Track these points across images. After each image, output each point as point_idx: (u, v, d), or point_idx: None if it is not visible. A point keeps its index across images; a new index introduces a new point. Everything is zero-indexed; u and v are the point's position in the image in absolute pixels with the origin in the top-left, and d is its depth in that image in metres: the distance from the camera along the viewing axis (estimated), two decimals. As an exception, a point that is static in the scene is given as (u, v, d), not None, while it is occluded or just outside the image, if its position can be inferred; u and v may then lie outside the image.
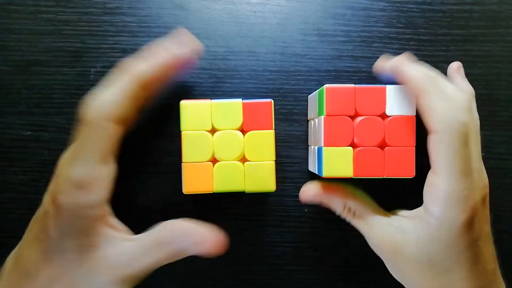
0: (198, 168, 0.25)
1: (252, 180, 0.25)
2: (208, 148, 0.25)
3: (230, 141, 0.25)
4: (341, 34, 0.31)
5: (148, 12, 0.30)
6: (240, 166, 0.25)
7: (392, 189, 0.31)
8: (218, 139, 0.25)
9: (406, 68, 0.24)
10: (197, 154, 0.25)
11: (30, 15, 0.30)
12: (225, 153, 0.25)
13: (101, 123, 0.22)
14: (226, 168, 0.25)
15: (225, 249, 0.24)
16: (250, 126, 0.25)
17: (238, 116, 0.25)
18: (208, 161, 0.25)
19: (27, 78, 0.30)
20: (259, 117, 0.25)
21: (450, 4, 0.31)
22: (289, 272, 0.31)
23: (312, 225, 0.31)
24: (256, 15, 0.31)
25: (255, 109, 0.25)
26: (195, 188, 0.25)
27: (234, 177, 0.25)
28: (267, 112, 0.25)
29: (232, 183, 0.25)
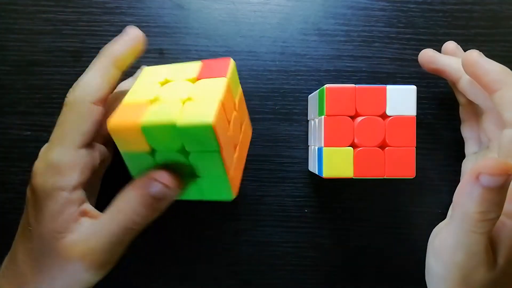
0: (134, 105, 0.21)
1: (187, 113, 0.20)
2: (152, 93, 0.21)
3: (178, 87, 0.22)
4: (341, 34, 0.31)
5: (148, 11, 0.30)
6: (179, 102, 0.20)
7: (392, 189, 0.31)
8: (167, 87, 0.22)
9: (484, 61, 0.24)
10: (140, 96, 0.22)
11: (30, 15, 0.30)
12: (170, 95, 0.21)
13: (79, 103, 0.22)
14: (164, 104, 0.21)
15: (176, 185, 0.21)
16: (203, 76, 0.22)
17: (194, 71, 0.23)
18: (148, 100, 0.21)
19: (26, 78, 0.30)
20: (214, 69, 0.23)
21: (450, 4, 0.31)
22: (289, 272, 0.31)
23: (312, 225, 0.31)
24: (256, 15, 0.31)
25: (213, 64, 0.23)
26: (119, 122, 0.20)
27: (169, 109, 0.20)
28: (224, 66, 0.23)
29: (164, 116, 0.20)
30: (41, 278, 0.22)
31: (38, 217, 0.22)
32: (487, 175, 0.20)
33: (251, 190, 0.30)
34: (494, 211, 0.21)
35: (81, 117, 0.22)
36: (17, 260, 0.23)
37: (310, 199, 0.31)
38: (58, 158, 0.22)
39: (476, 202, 0.20)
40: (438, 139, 0.31)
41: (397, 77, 0.31)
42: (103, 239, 0.21)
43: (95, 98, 0.23)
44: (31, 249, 0.22)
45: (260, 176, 0.31)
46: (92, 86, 0.23)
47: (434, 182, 0.31)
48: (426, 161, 0.30)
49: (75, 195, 0.22)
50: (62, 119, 0.23)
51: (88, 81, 0.23)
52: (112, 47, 0.24)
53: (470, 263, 0.22)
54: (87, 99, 0.22)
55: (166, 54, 0.30)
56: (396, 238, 0.31)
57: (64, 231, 0.21)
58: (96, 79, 0.23)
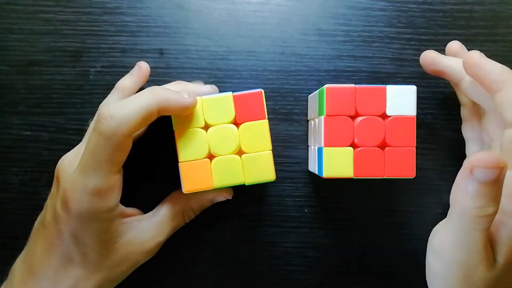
0: (195, 166, 0.25)
1: (251, 172, 0.25)
2: (204, 144, 0.25)
3: (225, 135, 0.25)
4: (341, 34, 0.31)
5: (148, 11, 0.30)
6: (237, 159, 0.25)
7: (392, 189, 0.31)
8: (212, 135, 0.25)
9: (485, 61, 0.24)
10: (193, 152, 0.25)
11: (30, 15, 0.30)
12: (221, 147, 0.25)
13: (119, 138, 0.22)
14: (224, 162, 0.25)
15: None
16: (243, 118, 0.25)
17: (230, 109, 0.25)
18: (205, 158, 0.25)
19: (26, 78, 0.30)
20: (251, 108, 0.25)
21: (450, 4, 0.31)
22: (289, 272, 0.31)
23: (312, 225, 0.31)
24: (256, 15, 0.31)
25: (246, 100, 0.25)
26: (195, 186, 0.25)
27: (233, 171, 0.25)
28: (259, 102, 0.25)
29: (232, 177, 0.25)
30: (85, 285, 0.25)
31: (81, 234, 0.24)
32: (480, 168, 0.20)
33: (251, 190, 0.30)
34: (491, 206, 0.20)
35: (117, 150, 0.23)
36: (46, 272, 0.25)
37: (310, 199, 0.31)
38: (98, 185, 0.23)
39: (472, 197, 0.20)
40: (438, 139, 0.31)
41: (397, 77, 0.31)
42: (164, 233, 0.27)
43: (131, 133, 0.23)
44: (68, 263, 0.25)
45: (260, 176, 0.30)
46: (132, 121, 0.22)
47: (434, 182, 0.31)
48: (426, 161, 0.30)
49: (117, 210, 0.25)
50: (96, 147, 0.23)
51: (130, 114, 0.22)
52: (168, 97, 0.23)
53: (470, 262, 0.22)
54: (123, 133, 0.22)
55: (166, 54, 0.30)
56: (396, 238, 0.31)
57: (116, 236, 0.25)
58: (137, 116, 0.22)
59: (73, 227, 0.24)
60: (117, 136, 0.22)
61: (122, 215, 0.26)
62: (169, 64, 0.30)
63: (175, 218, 0.28)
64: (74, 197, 0.23)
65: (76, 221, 0.23)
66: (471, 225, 0.21)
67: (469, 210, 0.21)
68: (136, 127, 0.23)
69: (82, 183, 0.23)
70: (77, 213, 0.23)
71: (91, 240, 0.24)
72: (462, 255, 0.22)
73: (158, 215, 0.27)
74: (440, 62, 0.27)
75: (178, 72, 0.30)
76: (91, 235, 0.24)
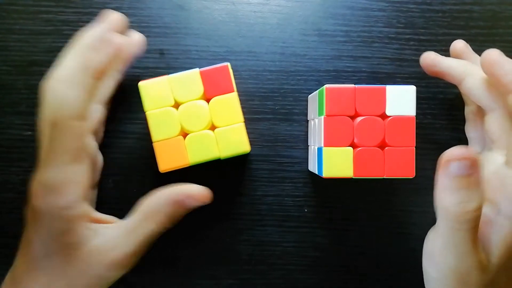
0: (170, 144, 0.25)
1: (225, 145, 0.25)
2: (175, 122, 0.25)
3: (195, 112, 0.25)
4: (340, 34, 0.31)
5: (149, 12, 0.30)
6: (210, 134, 0.25)
7: (392, 189, 0.31)
8: (183, 112, 0.25)
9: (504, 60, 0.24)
10: (166, 131, 0.25)
11: (31, 15, 0.30)
12: (193, 124, 0.25)
13: (63, 123, 0.21)
14: (197, 138, 0.25)
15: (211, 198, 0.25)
16: (212, 93, 0.25)
17: (198, 85, 0.25)
18: (178, 136, 0.25)
19: (27, 78, 0.30)
20: (219, 82, 0.25)
21: (450, 4, 0.31)
22: (289, 272, 0.31)
23: (312, 225, 0.31)
24: (256, 15, 0.31)
25: (214, 75, 0.25)
26: (171, 164, 0.25)
27: (207, 146, 0.25)
28: (226, 76, 0.25)
29: (206, 152, 0.25)
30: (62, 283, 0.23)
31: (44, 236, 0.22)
32: (455, 161, 0.20)
33: (251, 189, 0.30)
34: (472, 201, 0.20)
35: (68, 136, 0.22)
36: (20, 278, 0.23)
37: (310, 198, 0.31)
38: (51, 178, 0.22)
39: (451, 193, 0.20)
40: (438, 139, 0.31)
41: (397, 77, 0.31)
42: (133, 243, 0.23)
43: (77, 114, 0.22)
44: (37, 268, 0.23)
45: (260, 176, 0.31)
46: (73, 104, 0.22)
47: (433, 182, 0.31)
48: (426, 161, 0.30)
49: (79, 210, 0.23)
50: (48, 139, 0.22)
51: (68, 98, 0.22)
52: (94, 59, 0.23)
53: (462, 266, 0.21)
54: (71, 117, 0.21)
55: (166, 55, 0.31)
56: (396, 238, 0.31)
57: (79, 242, 0.23)
58: (77, 96, 0.22)
59: (39, 230, 0.22)
60: (63, 120, 0.21)
61: (88, 218, 0.24)
62: (169, 65, 0.31)
63: (144, 225, 0.24)
64: (33, 196, 0.22)
65: (36, 220, 0.22)
66: (455, 224, 0.21)
67: (450, 208, 0.20)
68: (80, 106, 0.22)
69: (39, 178, 0.22)
70: (35, 210, 0.22)
71: (52, 242, 0.22)
72: (453, 259, 0.21)
73: (125, 222, 0.24)
74: (441, 63, 0.27)
75: (178, 72, 0.30)
76: (52, 236, 0.22)
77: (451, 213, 0.20)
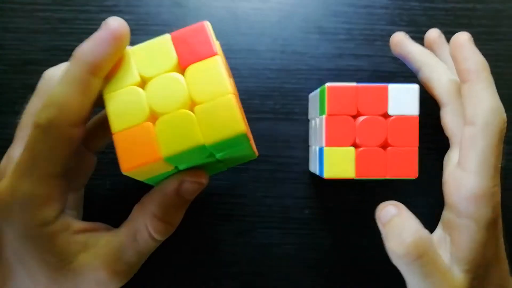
0: (134, 134, 0.18)
1: (210, 127, 0.18)
2: (141, 104, 0.18)
3: (167, 87, 0.19)
4: (342, 32, 0.30)
5: (146, 9, 0.30)
6: (189, 114, 0.18)
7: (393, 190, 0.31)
8: (151, 89, 0.19)
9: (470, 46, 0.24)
10: (129, 117, 0.18)
11: (27, 14, 0.30)
12: (165, 103, 0.18)
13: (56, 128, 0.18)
14: (171, 122, 0.18)
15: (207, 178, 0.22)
16: (188, 60, 0.19)
17: (170, 53, 0.19)
18: (146, 121, 0.18)
19: (23, 77, 0.30)
20: (196, 45, 0.19)
21: (452, 2, 0.31)
22: (290, 274, 0.30)
23: (313, 226, 0.30)
24: (256, 13, 0.30)
25: (189, 38, 0.19)
26: (136, 161, 0.18)
27: (185, 130, 0.18)
28: (204, 37, 0.19)
29: (185, 139, 0.18)
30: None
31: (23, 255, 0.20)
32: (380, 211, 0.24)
33: (251, 190, 0.30)
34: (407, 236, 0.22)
35: (59, 144, 0.19)
36: None
37: (311, 199, 0.30)
38: (30, 191, 0.19)
39: (387, 239, 0.23)
40: (440, 139, 0.31)
41: (399, 76, 0.31)
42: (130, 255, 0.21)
43: (76, 120, 0.19)
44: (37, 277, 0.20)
45: (260, 176, 0.30)
46: (71, 105, 0.18)
47: (435, 183, 0.30)
48: (428, 161, 0.30)
49: (58, 224, 0.20)
50: (32, 144, 0.19)
51: (65, 98, 0.18)
52: (88, 51, 0.19)
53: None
54: (66, 122, 0.18)
55: (165, 53, 0.30)
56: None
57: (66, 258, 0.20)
58: (75, 96, 0.18)
59: (13, 246, 0.19)
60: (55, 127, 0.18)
61: (71, 230, 0.20)
62: (168, 63, 0.30)
63: (138, 239, 0.21)
64: (4, 207, 0.19)
65: (12, 237, 0.19)
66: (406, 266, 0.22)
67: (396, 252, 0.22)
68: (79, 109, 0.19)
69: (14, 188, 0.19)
70: (11, 227, 0.19)
71: (34, 261, 0.19)
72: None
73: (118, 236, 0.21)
74: (405, 47, 0.27)
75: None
76: (33, 255, 0.19)
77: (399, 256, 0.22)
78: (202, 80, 0.19)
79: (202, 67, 0.19)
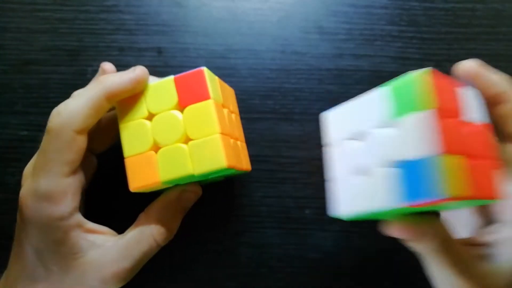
0: (141, 160, 0.23)
1: (199, 160, 0.22)
2: (147, 135, 0.23)
3: (168, 123, 0.23)
4: (342, 32, 0.30)
5: (146, 9, 0.30)
6: (182, 148, 0.22)
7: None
8: (156, 124, 0.23)
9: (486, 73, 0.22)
10: (138, 145, 0.23)
11: (27, 14, 0.30)
12: (166, 136, 0.23)
13: (68, 134, 0.22)
14: (169, 153, 0.22)
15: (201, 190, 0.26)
16: (187, 101, 0.23)
17: (172, 93, 0.23)
18: (150, 150, 0.23)
19: (23, 77, 0.30)
20: (194, 89, 0.23)
21: (452, 2, 0.31)
22: (290, 274, 0.30)
23: (313, 226, 0.30)
24: (256, 13, 0.30)
25: (188, 81, 0.23)
26: (141, 183, 0.23)
27: (179, 161, 0.22)
28: (201, 82, 0.23)
29: (179, 168, 0.22)
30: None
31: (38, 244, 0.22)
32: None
33: (251, 191, 0.30)
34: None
35: (66, 147, 0.22)
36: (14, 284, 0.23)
37: (311, 200, 0.30)
38: (48, 188, 0.22)
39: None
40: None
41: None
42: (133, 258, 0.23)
43: (80, 128, 0.22)
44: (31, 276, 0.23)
45: (260, 176, 0.30)
46: (79, 115, 0.22)
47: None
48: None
49: (73, 220, 0.23)
50: (46, 146, 0.22)
51: (77, 109, 0.22)
52: (111, 80, 0.23)
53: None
54: (72, 128, 0.22)
55: (164, 53, 0.30)
56: (398, 240, 0.30)
57: (77, 252, 0.23)
58: (85, 110, 0.22)
59: (31, 238, 0.22)
60: (65, 132, 0.21)
61: (83, 228, 0.23)
62: (167, 63, 0.30)
63: (143, 241, 0.24)
64: (25, 203, 0.22)
65: (31, 230, 0.22)
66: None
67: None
68: (86, 121, 0.22)
69: (33, 187, 0.22)
70: (30, 221, 0.22)
71: (49, 252, 0.22)
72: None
73: (125, 238, 0.24)
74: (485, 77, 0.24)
75: (176, 71, 0.30)
76: (49, 246, 0.22)
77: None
78: (196, 119, 0.22)
79: (198, 108, 0.23)
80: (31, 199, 0.22)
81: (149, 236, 0.24)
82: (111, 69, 0.26)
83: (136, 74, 0.23)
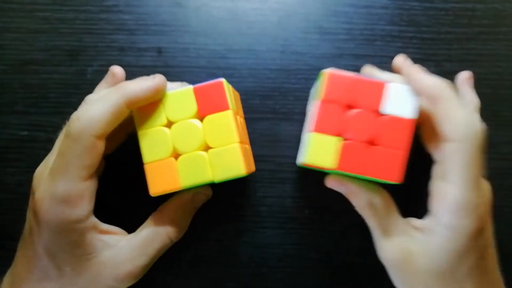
0: (161, 166, 0.24)
1: (219, 168, 0.23)
2: (167, 143, 0.24)
3: (188, 131, 0.24)
4: (342, 32, 0.30)
5: (146, 9, 0.30)
6: (203, 156, 0.23)
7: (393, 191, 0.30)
8: (176, 131, 0.24)
9: (420, 76, 0.24)
10: (158, 152, 0.24)
11: (27, 14, 0.30)
12: (186, 144, 0.24)
13: (88, 139, 0.22)
14: (189, 160, 0.24)
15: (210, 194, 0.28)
16: (206, 111, 0.24)
17: (192, 103, 0.24)
18: (170, 157, 0.24)
19: (23, 77, 0.30)
20: (213, 99, 0.24)
21: (452, 2, 0.31)
22: (290, 274, 0.30)
23: (313, 226, 0.30)
24: (256, 13, 0.30)
25: (208, 92, 0.24)
26: (162, 188, 0.24)
27: (200, 168, 0.23)
28: (220, 93, 0.24)
29: (199, 175, 0.23)
30: None
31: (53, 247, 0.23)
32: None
33: (251, 191, 0.30)
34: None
35: (86, 152, 0.22)
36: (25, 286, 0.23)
37: (311, 200, 0.30)
38: (66, 192, 0.22)
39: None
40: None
41: (399, 76, 0.30)
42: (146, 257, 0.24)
43: (100, 134, 0.22)
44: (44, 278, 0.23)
45: (260, 176, 0.30)
46: (100, 121, 0.22)
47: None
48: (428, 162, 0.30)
49: (89, 222, 0.23)
50: (65, 150, 0.22)
51: (98, 115, 0.22)
52: (132, 88, 0.23)
53: None
54: (92, 133, 0.22)
55: (164, 53, 0.30)
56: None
57: (91, 253, 0.23)
58: (106, 116, 0.22)
59: (45, 240, 0.23)
60: (85, 137, 0.22)
61: (97, 229, 0.24)
62: (167, 63, 0.30)
63: (157, 239, 0.25)
64: (42, 206, 0.22)
65: (46, 232, 0.22)
66: None
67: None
68: (106, 127, 0.22)
69: (51, 190, 0.22)
70: (46, 223, 0.22)
71: (63, 253, 0.23)
72: None
73: (139, 236, 0.25)
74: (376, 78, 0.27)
75: (176, 71, 0.30)
76: (63, 248, 0.23)
77: None
78: (216, 129, 0.24)
79: (217, 118, 0.24)
80: (49, 201, 0.22)
81: (163, 234, 0.25)
82: (121, 72, 0.26)
83: (155, 82, 0.23)
